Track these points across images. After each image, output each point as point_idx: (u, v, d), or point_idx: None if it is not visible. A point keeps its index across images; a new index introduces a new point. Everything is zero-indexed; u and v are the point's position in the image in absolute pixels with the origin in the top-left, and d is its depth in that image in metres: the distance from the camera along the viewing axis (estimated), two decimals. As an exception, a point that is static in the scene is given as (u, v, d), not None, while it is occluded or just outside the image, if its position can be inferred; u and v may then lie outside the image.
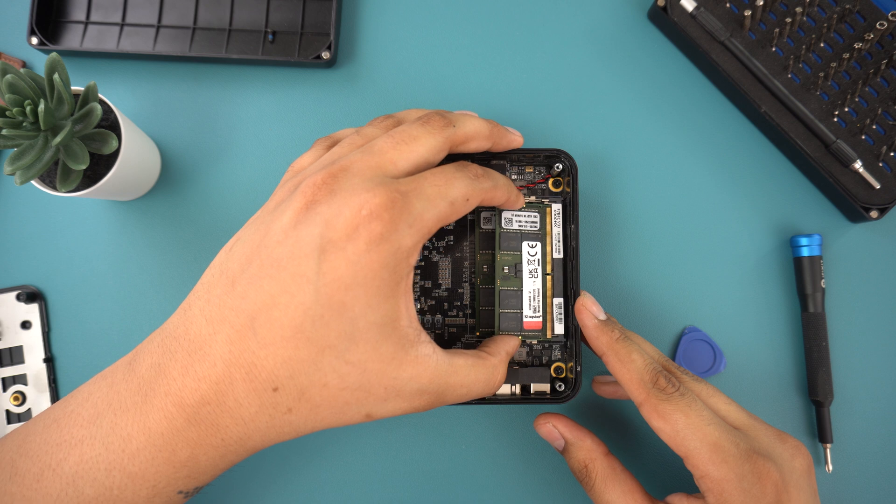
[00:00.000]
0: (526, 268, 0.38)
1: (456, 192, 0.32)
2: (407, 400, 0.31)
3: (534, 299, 0.38)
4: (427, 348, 0.31)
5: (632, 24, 0.46)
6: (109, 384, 0.31)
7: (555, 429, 0.38)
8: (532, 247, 0.38)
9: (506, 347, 0.36)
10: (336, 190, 0.29)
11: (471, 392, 0.33)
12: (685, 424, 0.33)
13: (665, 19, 0.44)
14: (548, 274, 0.38)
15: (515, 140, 0.37)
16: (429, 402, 0.31)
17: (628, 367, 0.35)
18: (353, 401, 0.30)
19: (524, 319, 0.38)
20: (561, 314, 0.38)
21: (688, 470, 0.33)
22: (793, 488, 0.32)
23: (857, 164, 0.41)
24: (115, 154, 0.38)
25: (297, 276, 0.28)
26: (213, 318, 0.29)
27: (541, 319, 0.38)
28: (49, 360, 0.44)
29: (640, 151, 0.45)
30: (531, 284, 0.38)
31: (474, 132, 0.34)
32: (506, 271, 0.38)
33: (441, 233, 0.40)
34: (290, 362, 0.28)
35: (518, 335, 0.38)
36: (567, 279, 0.39)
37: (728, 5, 0.43)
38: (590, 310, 0.36)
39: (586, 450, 0.37)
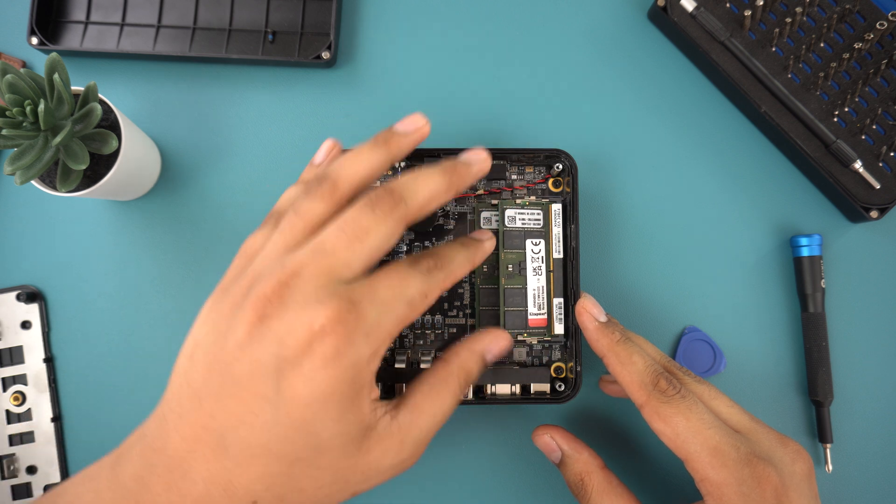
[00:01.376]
0: (530, 265, 0.38)
1: (412, 291, 0.30)
2: (388, 470, 0.31)
3: (538, 297, 0.38)
4: (384, 420, 0.30)
5: (632, 24, 0.46)
6: (95, 492, 0.30)
7: (552, 440, 0.38)
8: (536, 244, 0.38)
9: (458, 360, 0.34)
10: (287, 302, 0.28)
11: (445, 416, 0.32)
12: (685, 427, 0.33)
13: (665, 19, 0.44)
14: (551, 271, 0.38)
15: (481, 169, 0.34)
16: (411, 453, 0.31)
17: (629, 369, 0.35)
18: (335, 492, 0.30)
19: (529, 317, 0.38)
20: (561, 314, 0.38)
21: (689, 473, 0.33)
22: (793, 492, 0.32)
23: (857, 164, 0.41)
24: (115, 154, 0.38)
25: (258, 396, 0.28)
26: (188, 436, 0.29)
27: (545, 317, 0.38)
28: (49, 360, 0.44)
29: (640, 151, 0.45)
30: (535, 282, 0.38)
31: (428, 197, 0.32)
32: (510, 270, 0.38)
33: (441, 233, 0.40)
34: (264, 477, 0.28)
35: (510, 332, 0.37)
36: (567, 279, 0.39)
37: (728, 5, 0.43)
38: (590, 312, 0.36)
39: (583, 462, 0.37)
